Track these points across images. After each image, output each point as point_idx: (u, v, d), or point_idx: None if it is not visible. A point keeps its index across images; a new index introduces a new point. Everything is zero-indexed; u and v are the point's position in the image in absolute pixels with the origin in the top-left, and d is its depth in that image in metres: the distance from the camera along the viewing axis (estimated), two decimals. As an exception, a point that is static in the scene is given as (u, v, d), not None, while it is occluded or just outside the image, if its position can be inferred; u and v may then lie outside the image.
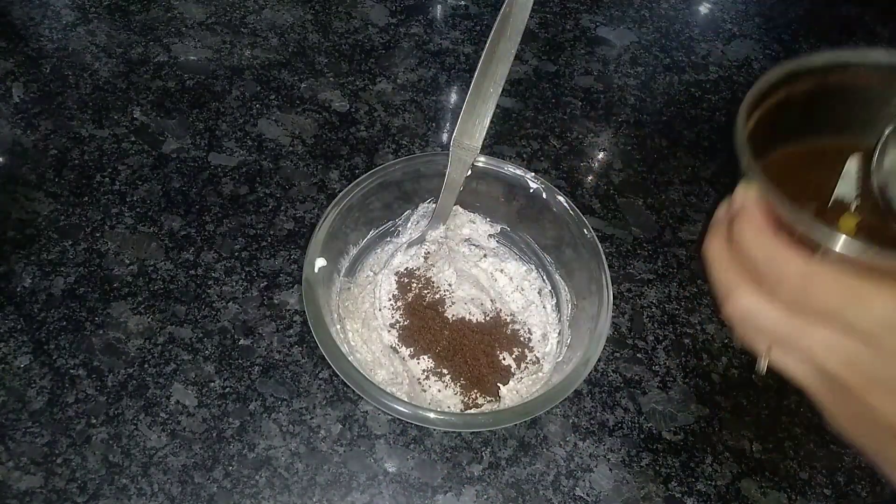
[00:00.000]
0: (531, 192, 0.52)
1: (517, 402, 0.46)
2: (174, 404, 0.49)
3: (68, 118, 0.64)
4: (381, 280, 0.52)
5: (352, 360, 0.44)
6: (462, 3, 0.78)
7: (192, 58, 0.70)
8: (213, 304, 0.54)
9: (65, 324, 0.52)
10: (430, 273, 0.53)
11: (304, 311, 0.46)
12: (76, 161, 0.61)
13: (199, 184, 0.61)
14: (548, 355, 0.51)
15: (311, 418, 0.49)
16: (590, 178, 0.65)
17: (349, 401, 0.50)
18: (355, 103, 0.68)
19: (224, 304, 0.54)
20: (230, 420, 0.49)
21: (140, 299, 0.54)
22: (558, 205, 0.51)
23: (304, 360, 0.52)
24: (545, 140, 0.67)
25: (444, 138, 0.66)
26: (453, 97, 0.70)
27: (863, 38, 0.80)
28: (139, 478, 0.46)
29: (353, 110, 0.67)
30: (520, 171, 0.52)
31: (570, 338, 0.51)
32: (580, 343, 0.47)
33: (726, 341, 0.55)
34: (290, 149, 0.64)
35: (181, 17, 0.73)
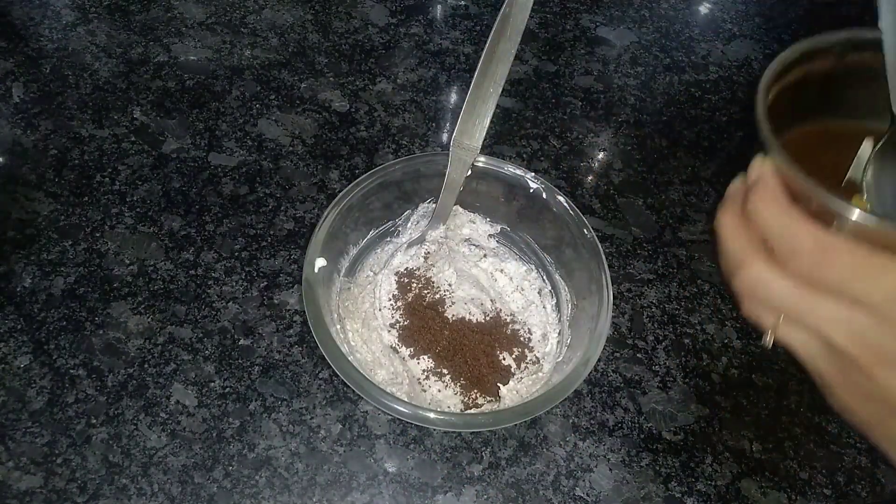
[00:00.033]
0: (531, 192, 0.52)
1: (517, 402, 0.46)
2: (174, 404, 0.49)
3: (68, 118, 0.64)
4: (381, 280, 0.52)
5: (352, 360, 0.44)
6: (462, 3, 0.78)
7: (192, 58, 0.70)
8: (213, 304, 0.54)
9: (65, 324, 0.52)
10: (430, 273, 0.53)
11: (304, 311, 0.46)
12: (76, 161, 0.61)
13: (199, 184, 0.61)
14: (548, 355, 0.51)
15: (311, 418, 0.49)
16: (590, 178, 0.65)
17: (349, 401, 0.50)
18: (355, 103, 0.68)
19: (224, 304, 0.54)
20: (230, 420, 0.49)
21: (140, 299, 0.54)
22: (558, 205, 0.51)
23: (304, 360, 0.52)
24: (545, 140, 0.67)
25: (444, 138, 0.66)
26: (453, 97, 0.70)
27: (863, 38, 0.80)
28: (139, 478, 0.46)
29: (353, 110, 0.67)
30: (520, 171, 0.52)
31: (570, 338, 0.51)
32: (580, 343, 0.47)
33: (726, 341, 0.55)
34: (290, 149, 0.64)
35: (181, 17, 0.73)
